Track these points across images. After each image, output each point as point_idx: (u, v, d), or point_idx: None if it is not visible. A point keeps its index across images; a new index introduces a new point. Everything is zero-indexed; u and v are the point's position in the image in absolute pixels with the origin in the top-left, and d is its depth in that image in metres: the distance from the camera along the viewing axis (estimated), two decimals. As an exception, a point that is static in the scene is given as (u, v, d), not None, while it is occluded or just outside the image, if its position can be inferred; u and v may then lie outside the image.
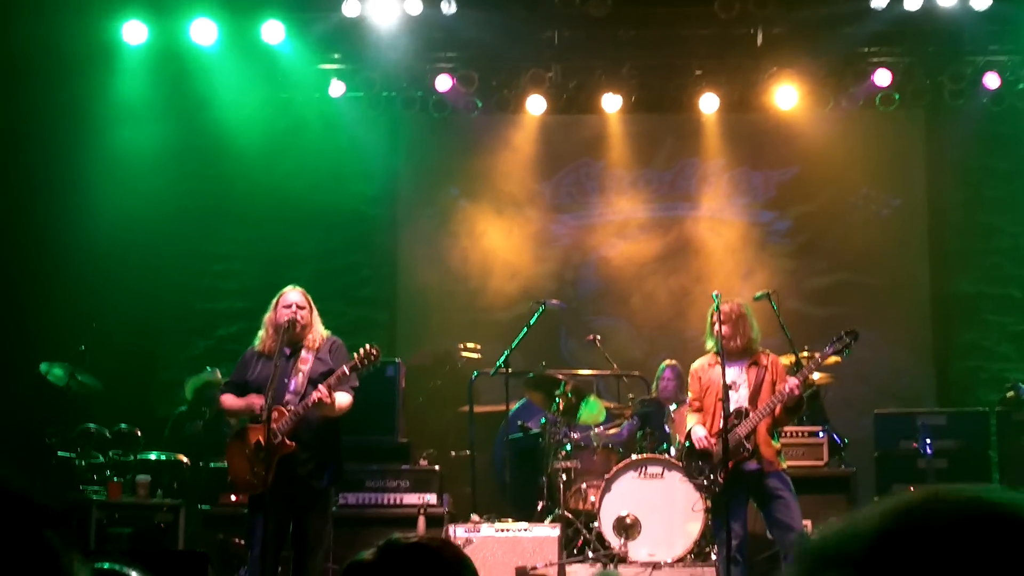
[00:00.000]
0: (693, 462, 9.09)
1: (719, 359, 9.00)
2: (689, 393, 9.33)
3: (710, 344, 9.18)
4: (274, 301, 8.85)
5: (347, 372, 8.56)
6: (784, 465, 9.14)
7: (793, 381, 8.79)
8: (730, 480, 8.87)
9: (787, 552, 8.84)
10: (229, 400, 8.82)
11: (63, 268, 12.76)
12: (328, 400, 8.41)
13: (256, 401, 8.52)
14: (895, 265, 14.83)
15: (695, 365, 9.33)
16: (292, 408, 8.48)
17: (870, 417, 11.93)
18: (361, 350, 8.62)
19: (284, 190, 14.55)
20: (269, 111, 14.46)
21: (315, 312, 8.89)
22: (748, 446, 8.84)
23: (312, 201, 14.79)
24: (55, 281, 12.66)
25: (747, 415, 8.87)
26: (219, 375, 12.34)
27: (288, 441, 8.45)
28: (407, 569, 2.41)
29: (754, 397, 8.94)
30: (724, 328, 8.99)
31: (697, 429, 9.12)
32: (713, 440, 8.94)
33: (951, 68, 13.90)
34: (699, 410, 9.19)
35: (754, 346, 9.11)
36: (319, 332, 8.82)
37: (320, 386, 8.42)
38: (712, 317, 9.10)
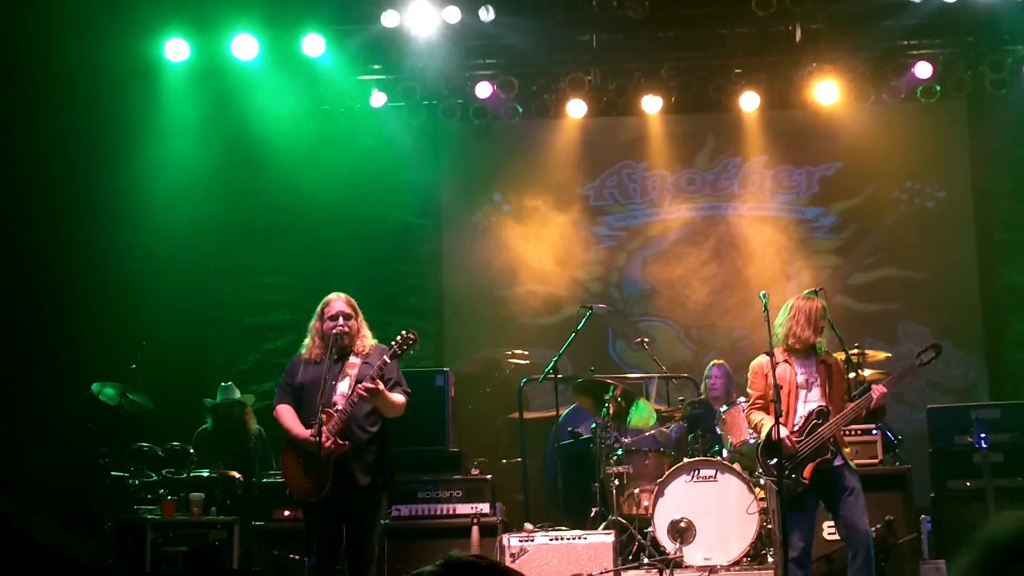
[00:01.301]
0: (771, 461, 8.90)
1: (788, 356, 8.95)
2: (749, 391, 9.13)
3: (779, 340, 9.05)
4: (319, 309, 8.83)
5: (388, 360, 8.55)
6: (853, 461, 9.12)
7: (880, 389, 8.74)
8: (814, 480, 8.82)
9: (856, 551, 8.74)
10: (286, 417, 8.77)
11: (111, 287, 12.81)
12: (375, 387, 8.40)
13: (307, 432, 8.51)
14: (942, 258, 14.73)
15: (757, 362, 9.11)
16: (340, 407, 8.48)
17: (923, 413, 11.85)
18: (399, 336, 8.62)
19: (327, 201, 14.58)
20: (311, 123, 14.50)
21: (361, 317, 8.88)
22: (831, 447, 8.77)
23: (356, 212, 14.84)
24: (104, 301, 12.71)
25: (828, 414, 8.79)
26: (236, 392, 12.35)
27: (340, 440, 8.45)
28: None
29: (829, 396, 8.87)
30: (794, 326, 8.94)
31: (781, 429, 8.94)
32: (795, 438, 8.83)
33: (991, 58, 13.80)
34: (763, 408, 9.04)
35: (819, 345, 9.05)
36: (368, 340, 8.81)
37: (366, 380, 8.43)
38: (789, 313, 9.03)
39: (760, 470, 10.25)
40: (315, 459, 8.36)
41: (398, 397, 8.66)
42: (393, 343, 8.62)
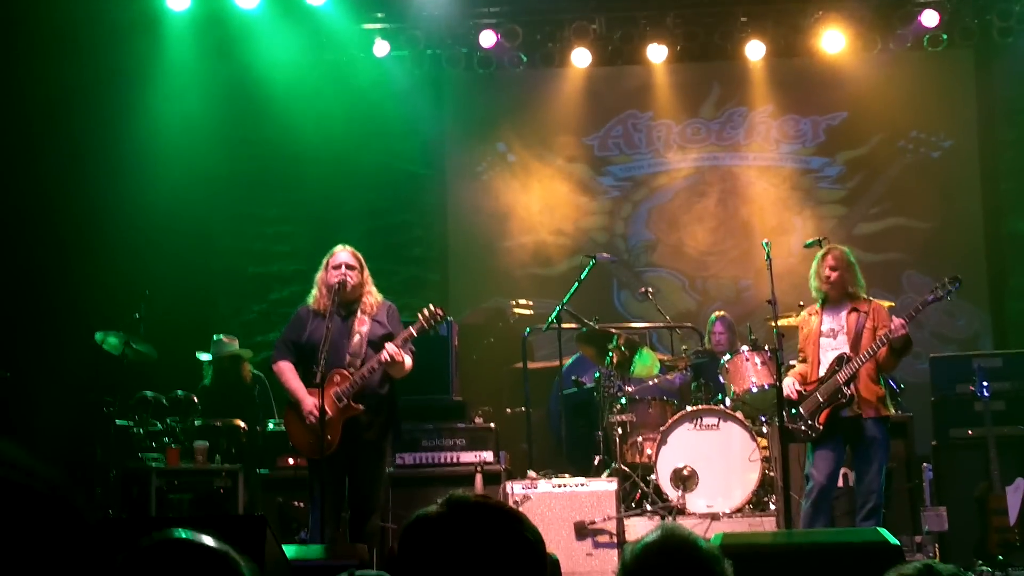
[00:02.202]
0: (788, 409, 9.06)
1: (820, 308, 9.09)
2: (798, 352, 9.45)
3: (815, 291, 9.21)
4: (325, 260, 8.85)
5: (414, 333, 8.60)
6: (890, 411, 9.18)
7: (899, 320, 8.76)
8: (826, 427, 8.90)
9: (865, 500, 8.86)
10: (287, 375, 8.79)
11: (114, 237, 12.81)
12: (400, 358, 8.46)
13: (308, 401, 8.54)
14: (947, 207, 14.70)
15: (799, 317, 9.47)
16: (357, 371, 8.52)
17: (926, 362, 11.85)
18: (426, 310, 8.66)
19: (332, 151, 14.55)
20: (314, 73, 14.46)
21: (366, 271, 8.88)
22: (847, 392, 8.85)
23: (360, 161, 14.79)
24: (107, 250, 12.71)
25: (848, 361, 8.87)
26: (229, 346, 12.31)
27: (354, 404, 8.50)
28: (474, 523, 2.44)
29: (855, 344, 8.94)
30: (832, 274, 9.03)
31: (786, 380, 9.14)
32: (809, 388, 8.97)
33: (999, 6, 13.75)
34: (804, 360, 9.22)
35: (855, 292, 9.10)
36: (374, 295, 8.83)
37: (388, 345, 8.46)
38: (823, 262, 9.12)
39: (763, 417, 10.41)
40: (323, 415, 8.39)
41: (408, 359, 8.71)
42: (420, 317, 8.66)
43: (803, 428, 8.99)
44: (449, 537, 2.42)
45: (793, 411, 9.03)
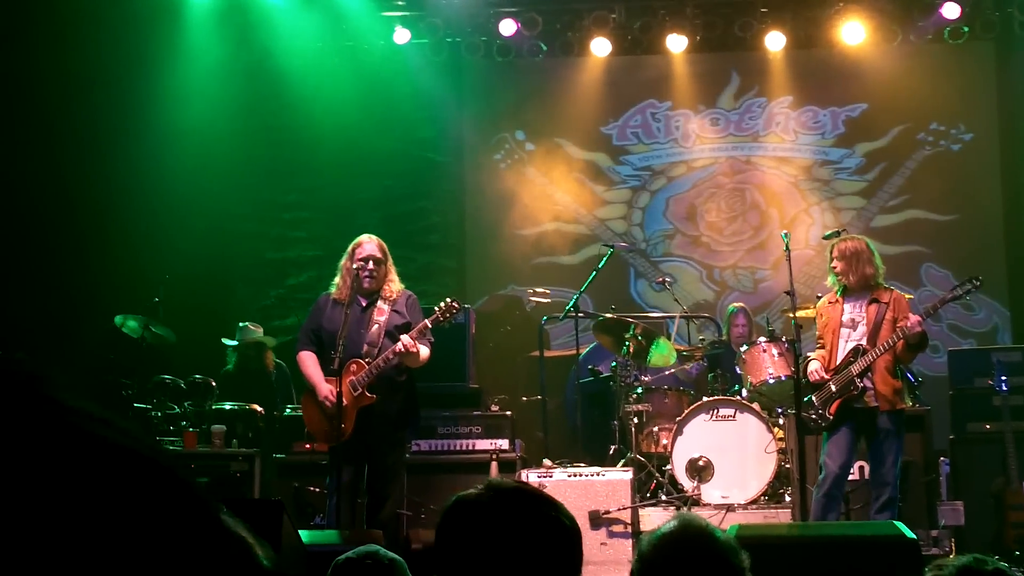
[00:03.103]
0: (805, 396, 9.08)
1: (840, 297, 9.07)
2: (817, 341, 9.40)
3: (831, 281, 9.20)
4: (350, 248, 8.87)
5: (429, 325, 8.62)
6: (906, 404, 9.19)
7: (915, 318, 8.75)
8: (838, 417, 8.89)
9: (880, 492, 8.83)
10: (307, 364, 8.85)
11: (135, 221, 12.86)
12: (414, 349, 8.48)
13: (323, 387, 8.59)
14: (967, 200, 14.66)
15: (818, 304, 9.42)
16: (372, 361, 8.55)
17: (944, 355, 11.84)
18: (443, 304, 8.69)
19: (351, 138, 14.56)
20: (334, 60, 14.49)
21: (390, 261, 8.90)
22: (859, 384, 8.84)
23: (379, 148, 14.81)
24: (127, 234, 12.77)
25: (864, 353, 8.86)
26: (254, 332, 12.36)
27: (368, 393, 8.53)
28: (513, 507, 2.51)
29: (873, 335, 8.91)
30: (838, 264, 9.02)
31: (812, 363, 9.16)
32: (827, 375, 8.97)
33: (1021, -1, 13.71)
34: (822, 347, 9.21)
35: (875, 283, 9.07)
36: (396, 285, 8.85)
37: (404, 336, 8.48)
38: (831, 254, 9.11)
39: (779, 408, 10.39)
40: (336, 406, 8.42)
41: (424, 350, 8.72)
42: (436, 311, 8.69)
43: (814, 416, 9.00)
44: (489, 520, 2.48)
45: (806, 399, 9.03)
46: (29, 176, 12.07)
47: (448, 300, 8.74)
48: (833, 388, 8.93)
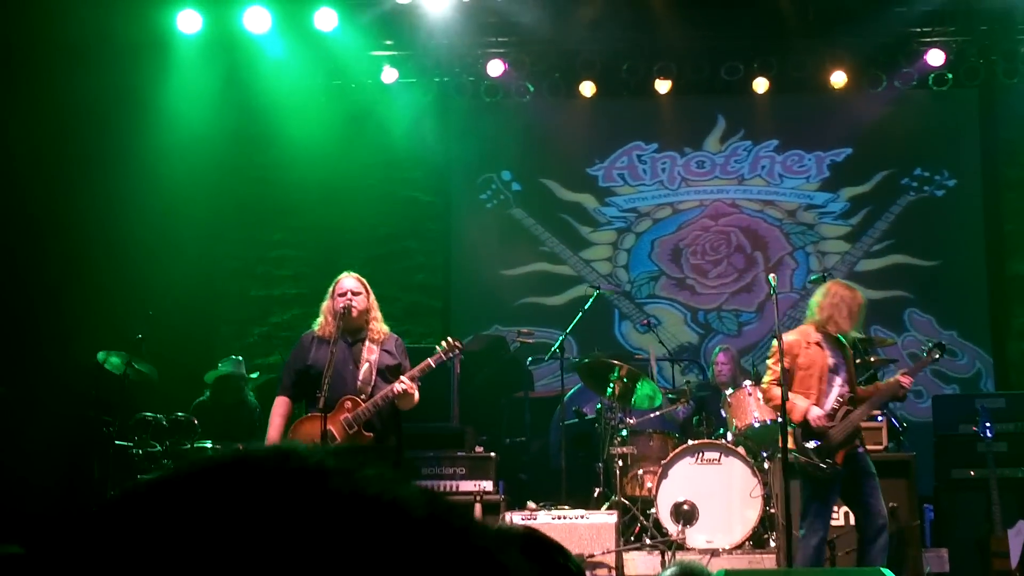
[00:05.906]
0: (807, 443, 8.86)
1: (821, 337, 8.89)
2: (773, 366, 8.87)
3: (815, 319, 8.98)
4: (330, 289, 8.86)
5: (432, 365, 8.59)
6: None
7: (907, 379, 8.79)
8: (844, 466, 8.83)
9: (876, 534, 8.75)
10: (274, 414, 8.83)
11: (118, 256, 12.81)
12: (413, 392, 8.46)
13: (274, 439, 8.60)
14: (950, 246, 14.71)
15: (790, 339, 8.91)
16: (369, 399, 8.51)
17: (928, 401, 11.86)
18: (444, 343, 8.69)
19: (337, 177, 14.57)
20: (322, 98, 14.48)
21: (372, 297, 8.87)
22: (860, 434, 8.87)
23: (365, 188, 14.81)
24: (111, 270, 12.71)
25: (860, 402, 8.84)
26: (242, 367, 12.32)
27: (365, 431, 8.50)
28: (526, 555, 2.46)
29: (852, 380, 8.91)
30: (826, 309, 8.92)
31: (813, 409, 8.75)
32: (829, 423, 8.78)
33: (1004, 46, 13.81)
34: (780, 385, 8.75)
35: (842, 329, 9.03)
36: (381, 326, 8.82)
37: (404, 377, 8.46)
38: (820, 295, 9.00)
39: (764, 452, 10.33)
40: (330, 441, 8.39)
41: (416, 393, 8.71)
42: (439, 351, 8.67)
43: (822, 466, 8.78)
44: None
45: (813, 445, 8.79)
46: (15, 209, 12.03)
47: (450, 340, 8.73)
48: (839, 437, 8.77)
